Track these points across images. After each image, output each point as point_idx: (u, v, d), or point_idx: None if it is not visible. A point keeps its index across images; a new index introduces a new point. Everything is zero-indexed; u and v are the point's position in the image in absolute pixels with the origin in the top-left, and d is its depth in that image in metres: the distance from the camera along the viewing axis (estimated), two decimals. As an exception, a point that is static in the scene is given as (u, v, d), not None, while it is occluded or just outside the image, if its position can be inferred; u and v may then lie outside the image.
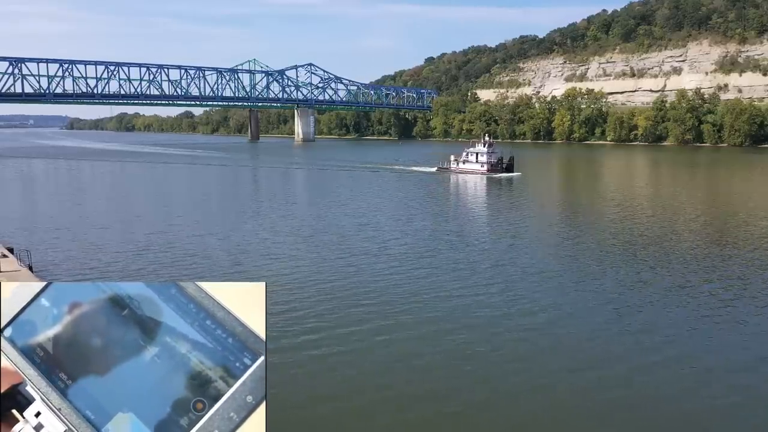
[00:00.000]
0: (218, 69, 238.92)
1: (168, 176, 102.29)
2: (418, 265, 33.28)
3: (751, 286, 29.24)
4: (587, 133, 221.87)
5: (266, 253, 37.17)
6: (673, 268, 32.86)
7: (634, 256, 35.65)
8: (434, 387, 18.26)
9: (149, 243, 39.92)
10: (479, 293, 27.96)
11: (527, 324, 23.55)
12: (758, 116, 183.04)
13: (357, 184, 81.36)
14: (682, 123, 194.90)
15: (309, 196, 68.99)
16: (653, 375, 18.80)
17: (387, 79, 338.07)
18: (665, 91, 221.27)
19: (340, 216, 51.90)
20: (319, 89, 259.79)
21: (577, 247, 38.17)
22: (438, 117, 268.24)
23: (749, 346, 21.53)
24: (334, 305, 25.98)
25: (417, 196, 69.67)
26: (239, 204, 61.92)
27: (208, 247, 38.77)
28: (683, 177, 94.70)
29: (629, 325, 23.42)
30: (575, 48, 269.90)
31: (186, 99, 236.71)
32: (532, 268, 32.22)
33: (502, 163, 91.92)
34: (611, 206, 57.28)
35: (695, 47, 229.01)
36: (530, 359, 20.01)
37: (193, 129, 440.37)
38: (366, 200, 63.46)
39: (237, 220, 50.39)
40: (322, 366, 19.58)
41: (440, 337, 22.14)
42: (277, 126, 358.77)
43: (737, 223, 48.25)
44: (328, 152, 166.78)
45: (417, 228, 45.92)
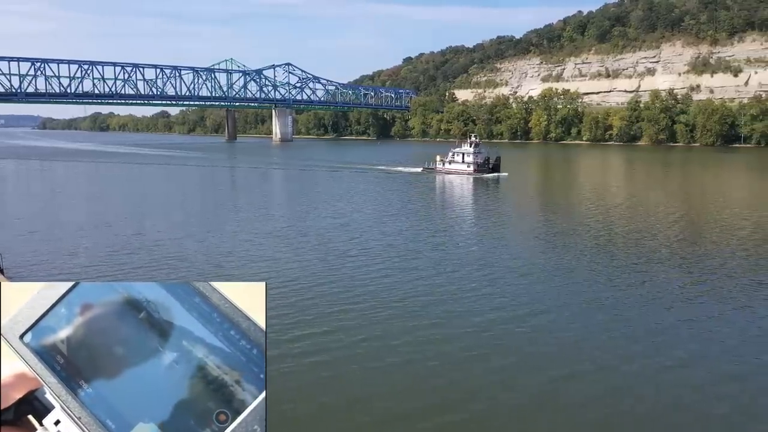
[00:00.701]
0: (195, 68, 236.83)
1: (144, 177, 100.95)
2: (411, 266, 33.23)
3: (729, 283, 29.76)
4: (563, 133, 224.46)
5: (252, 255, 36.84)
6: (657, 267, 33.41)
7: (619, 256, 36.09)
8: (430, 388, 18.29)
9: (125, 244, 39.33)
10: (474, 293, 28.03)
11: (537, 324, 23.77)
12: (729, 116, 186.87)
13: (342, 185, 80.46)
14: (656, 123, 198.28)
15: (294, 197, 67.83)
16: (640, 376, 19.00)
17: (365, 78, 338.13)
18: (639, 92, 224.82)
19: (328, 218, 51.22)
20: (297, 89, 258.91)
21: (566, 248, 38.33)
22: (416, 117, 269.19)
23: (732, 345, 21.90)
24: (321, 307, 25.83)
25: (403, 196, 68.92)
26: (218, 205, 61.34)
27: (185, 249, 38.31)
28: (661, 177, 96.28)
29: (612, 326, 23.65)
30: (551, 49, 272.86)
31: (162, 98, 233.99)
32: (531, 269, 32.31)
33: (488, 163, 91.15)
34: (598, 206, 57.79)
35: (668, 48, 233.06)
36: (541, 364, 20.14)
37: (169, 129, 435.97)
38: (352, 201, 62.72)
39: (216, 221, 49.90)
40: (312, 369, 19.48)
41: (432, 337, 22.24)
42: (254, 126, 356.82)
43: (711, 221, 49.21)
44: (308, 152, 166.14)
45: (403, 229, 45.68)
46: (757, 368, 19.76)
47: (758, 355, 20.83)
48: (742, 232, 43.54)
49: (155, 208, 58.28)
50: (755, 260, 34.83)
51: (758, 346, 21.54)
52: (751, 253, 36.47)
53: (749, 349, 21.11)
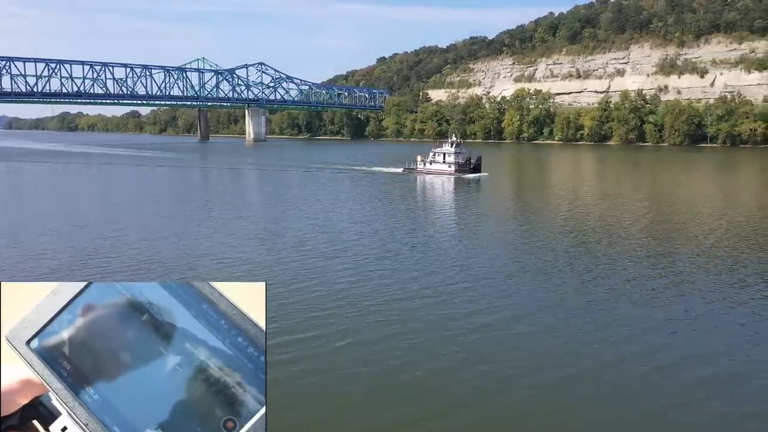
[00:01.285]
0: (166, 67, 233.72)
1: (115, 178, 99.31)
2: (392, 266, 33.23)
3: (700, 279, 30.52)
4: (536, 133, 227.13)
5: (243, 257, 36.56)
6: (633, 264, 34.11)
7: (599, 256, 36.43)
8: (425, 389, 18.40)
9: (95, 246, 38.74)
10: (465, 294, 28.24)
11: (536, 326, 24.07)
12: (696, 117, 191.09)
13: (322, 186, 79.59)
14: (626, 123, 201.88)
15: (274, 199, 66.55)
16: (616, 372, 19.34)
17: (339, 78, 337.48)
18: (609, 92, 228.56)
19: (310, 218, 50.62)
20: (270, 89, 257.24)
21: (550, 248, 38.35)
22: (390, 117, 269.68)
23: (706, 337, 22.49)
24: (310, 308, 25.80)
25: (385, 197, 68.24)
26: (193, 206, 60.62)
27: (159, 250, 37.86)
28: (635, 177, 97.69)
29: (590, 323, 24.07)
30: (523, 49, 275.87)
31: (132, 98, 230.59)
32: (512, 269, 32.54)
33: (469, 163, 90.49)
34: (578, 207, 58.16)
35: (637, 50, 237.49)
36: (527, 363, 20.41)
37: (140, 129, 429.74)
38: (334, 202, 62.09)
39: (192, 222, 49.37)
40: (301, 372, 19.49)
41: (416, 338, 22.39)
42: (227, 126, 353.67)
43: (683, 220, 50.31)
44: (283, 152, 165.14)
45: (381, 229, 45.54)
46: (734, 365, 20.26)
47: (735, 351, 21.33)
48: (714, 231, 44.61)
49: (127, 210, 57.41)
50: (726, 258, 35.79)
51: (735, 343, 22.08)
52: (722, 252, 37.44)
53: (727, 347, 21.49)
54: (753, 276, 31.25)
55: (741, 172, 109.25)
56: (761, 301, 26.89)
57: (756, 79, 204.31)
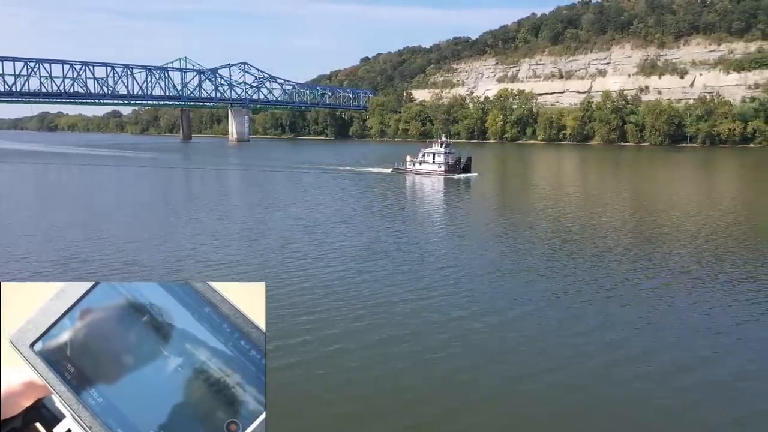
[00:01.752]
0: (147, 67, 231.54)
1: (96, 178, 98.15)
2: (387, 267, 33.04)
3: (687, 279, 30.87)
4: (519, 133, 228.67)
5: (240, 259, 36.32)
6: (623, 265, 34.44)
7: (586, 256, 36.67)
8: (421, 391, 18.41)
9: (76, 247, 38.26)
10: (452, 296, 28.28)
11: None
12: (676, 117, 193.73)
13: (310, 186, 78.37)
14: (607, 123, 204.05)
15: (262, 200, 65.38)
16: (608, 374, 19.42)
17: (323, 78, 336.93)
18: (591, 93, 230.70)
19: (300, 219, 50.11)
20: (253, 88, 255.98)
21: (537, 248, 38.37)
22: (374, 117, 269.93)
23: (695, 339, 22.68)
24: (304, 308, 25.70)
25: (375, 198, 67.37)
26: (177, 207, 60.16)
27: (141, 252, 37.51)
28: (624, 177, 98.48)
29: (581, 325, 24.19)
30: (506, 50, 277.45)
31: (113, 98, 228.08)
32: (505, 271, 32.49)
33: (459, 163, 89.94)
34: (569, 207, 58.09)
35: (618, 51, 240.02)
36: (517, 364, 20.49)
37: (121, 129, 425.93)
38: (323, 203, 61.46)
39: (177, 223, 48.98)
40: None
41: (405, 341, 22.42)
42: (210, 126, 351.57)
43: (667, 218, 50.86)
44: (267, 152, 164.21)
45: (377, 230, 45.00)
46: (710, 362, 20.59)
47: (714, 349, 21.66)
48: (699, 231, 45.17)
49: (108, 211, 56.74)
50: (712, 259, 36.30)
51: (714, 340, 22.39)
52: (708, 253, 37.95)
53: (715, 349, 21.57)
54: (740, 276, 31.59)
55: (721, 171, 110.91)
56: (749, 302, 27.11)
57: (734, 80, 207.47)
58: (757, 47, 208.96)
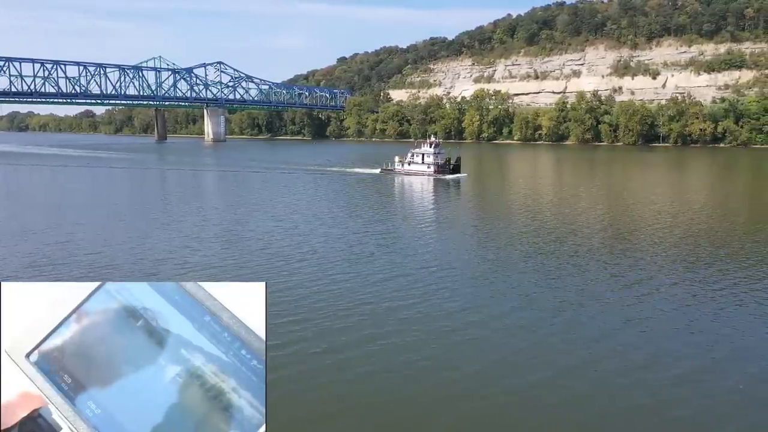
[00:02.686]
0: (121, 66, 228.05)
1: (69, 179, 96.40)
2: (380, 268, 32.82)
3: (664, 277, 31.39)
4: (495, 133, 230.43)
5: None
6: (612, 264, 34.86)
7: (575, 255, 36.83)
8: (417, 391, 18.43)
9: (47, 251, 37.61)
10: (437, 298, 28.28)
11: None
12: (649, 117, 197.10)
13: (297, 188, 76.63)
14: (582, 123, 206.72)
15: (248, 201, 63.70)
16: (588, 373, 19.62)
17: (299, 78, 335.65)
18: (566, 93, 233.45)
19: (290, 221, 49.04)
20: (229, 88, 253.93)
21: (531, 250, 38.36)
22: (351, 117, 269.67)
23: (673, 336, 23.05)
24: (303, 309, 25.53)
25: (364, 199, 66.01)
26: (153, 208, 59.36)
27: (117, 253, 37.00)
28: (612, 176, 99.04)
29: (553, 326, 24.42)
30: (483, 50, 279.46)
31: (86, 97, 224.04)
32: (512, 273, 32.31)
33: (449, 164, 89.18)
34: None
35: (592, 51, 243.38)
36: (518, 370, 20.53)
37: (94, 129, 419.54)
38: (310, 204, 60.38)
39: (154, 225, 48.37)
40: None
41: (395, 343, 22.42)
42: (185, 126, 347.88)
43: (646, 217, 51.63)
44: (245, 152, 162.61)
45: (356, 231, 44.55)
46: (701, 363, 20.74)
47: (700, 350, 21.75)
48: (673, 229, 45.97)
49: (81, 212, 55.79)
50: (686, 256, 37.01)
51: (699, 342, 22.53)
52: (683, 251, 38.68)
53: (692, 346, 21.89)
54: (714, 274, 32.01)
55: (694, 170, 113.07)
56: (724, 299, 27.44)
57: (705, 81, 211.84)
58: (727, 49, 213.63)
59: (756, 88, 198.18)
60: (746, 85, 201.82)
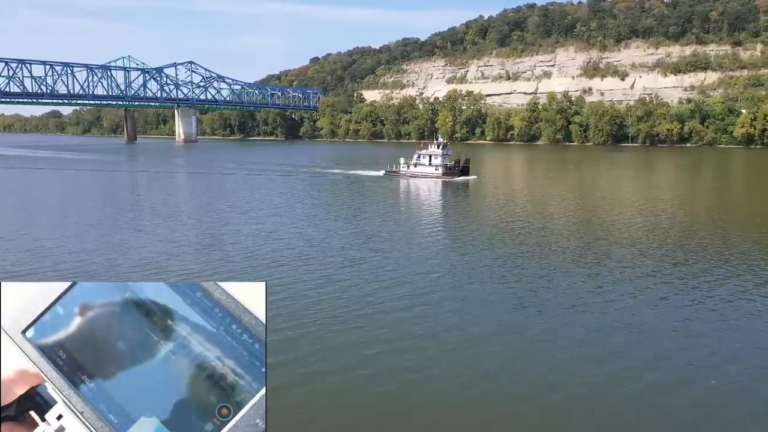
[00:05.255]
0: (89, 65, 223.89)
1: (34, 182, 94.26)
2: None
3: (641, 280, 31.83)
4: (468, 133, 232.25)
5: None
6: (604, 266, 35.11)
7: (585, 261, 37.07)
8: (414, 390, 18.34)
9: (13, 254, 36.83)
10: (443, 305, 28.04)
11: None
12: (618, 117, 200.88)
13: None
14: (553, 123, 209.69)
15: (243, 204, 59.73)
16: (571, 377, 19.40)
17: (272, 78, 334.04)
18: (537, 94, 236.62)
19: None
20: (200, 88, 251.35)
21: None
22: (325, 117, 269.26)
23: (651, 339, 23.05)
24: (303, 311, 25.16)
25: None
26: (125, 210, 58.40)
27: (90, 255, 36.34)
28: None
29: (550, 329, 24.45)
30: (455, 51, 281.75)
31: (52, 97, 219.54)
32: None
33: (458, 165, 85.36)
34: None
35: (563, 53, 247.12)
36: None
37: (61, 129, 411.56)
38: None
39: (123, 231, 47.59)
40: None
41: (393, 348, 22.37)
42: (156, 126, 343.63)
43: (625, 218, 51.23)
44: (221, 154, 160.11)
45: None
46: (676, 369, 20.79)
47: (676, 354, 21.46)
48: (652, 231, 46.47)
49: (47, 217, 54.69)
50: (662, 258, 37.66)
51: (675, 347, 22.22)
52: (664, 252, 39.29)
53: (667, 350, 21.63)
54: (689, 277, 31.61)
55: (662, 170, 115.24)
56: (697, 301, 27.27)
57: (671, 82, 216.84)
58: (692, 51, 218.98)
59: (720, 89, 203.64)
60: (711, 87, 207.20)
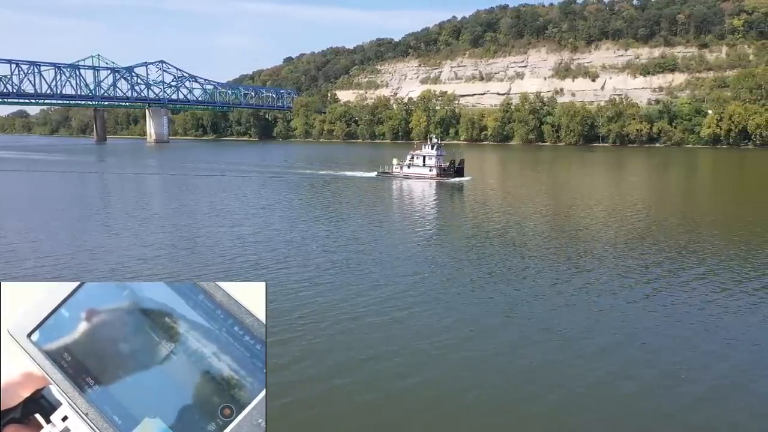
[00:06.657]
0: (56, 64, 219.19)
1: (3, 184, 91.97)
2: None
3: (620, 279, 32.27)
4: (442, 133, 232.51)
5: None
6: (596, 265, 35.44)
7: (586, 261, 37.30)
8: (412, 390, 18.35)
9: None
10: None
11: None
12: (589, 118, 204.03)
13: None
14: (526, 124, 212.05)
15: (237, 206, 57.51)
16: (560, 380, 19.23)
17: (245, 78, 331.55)
18: (510, 95, 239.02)
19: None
20: (172, 88, 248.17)
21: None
22: (298, 117, 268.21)
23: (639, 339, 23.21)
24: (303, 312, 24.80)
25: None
26: (95, 211, 57.37)
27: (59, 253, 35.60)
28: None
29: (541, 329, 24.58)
30: (429, 52, 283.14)
31: (18, 96, 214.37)
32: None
33: (453, 166, 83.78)
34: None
35: (535, 54, 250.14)
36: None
37: (28, 130, 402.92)
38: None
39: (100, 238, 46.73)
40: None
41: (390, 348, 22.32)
42: (126, 126, 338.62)
43: (602, 218, 52.33)
44: (194, 154, 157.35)
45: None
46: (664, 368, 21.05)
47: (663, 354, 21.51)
48: (631, 230, 47.43)
49: (17, 221, 53.44)
50: (641, 257, 38.31)
51: (664, 346, 22.37)
52: (646, 250, 39.94)
53: (652, 351, 21.41)
54: (667, 276, 31.77)
55: (633, 169, 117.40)
56: (681, 300, 27.31)
57: (640, 83, 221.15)
58: (661, 53, 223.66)
59: (687, 90, 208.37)
60: (679, 88, 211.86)
